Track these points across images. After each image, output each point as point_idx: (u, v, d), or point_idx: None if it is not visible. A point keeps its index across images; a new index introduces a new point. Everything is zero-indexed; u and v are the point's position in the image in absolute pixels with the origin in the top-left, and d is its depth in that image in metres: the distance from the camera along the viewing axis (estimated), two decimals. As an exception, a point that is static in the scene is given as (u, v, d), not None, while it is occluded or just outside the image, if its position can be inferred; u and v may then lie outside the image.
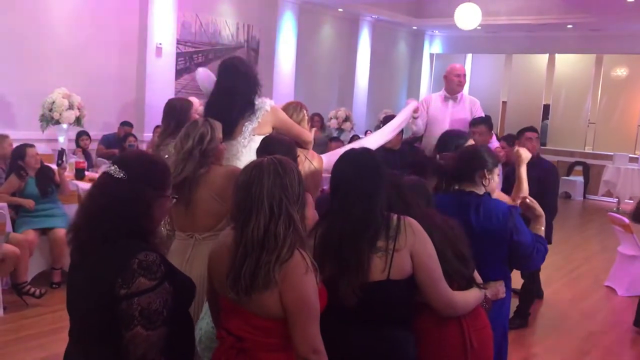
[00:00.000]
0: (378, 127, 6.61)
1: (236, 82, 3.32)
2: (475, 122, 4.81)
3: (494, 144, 4.90)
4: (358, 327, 2.11)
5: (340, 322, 2.09)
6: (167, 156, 3.47)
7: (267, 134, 3.23)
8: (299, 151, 3.27)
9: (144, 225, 1.90)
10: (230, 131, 3.22)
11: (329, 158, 3.82)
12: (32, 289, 4.89)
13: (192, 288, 2.04)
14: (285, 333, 1.88)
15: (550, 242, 5.10)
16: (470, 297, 2.28)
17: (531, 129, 5.16)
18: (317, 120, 9.68)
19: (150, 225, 1.92)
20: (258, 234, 1.87)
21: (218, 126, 2.88)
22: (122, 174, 1.88)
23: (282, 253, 1.85)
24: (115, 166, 1.90)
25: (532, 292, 5.28)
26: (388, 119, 5.04)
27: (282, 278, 1.85)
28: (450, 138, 3.81)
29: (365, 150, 2.31)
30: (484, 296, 2.37)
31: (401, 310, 2.13)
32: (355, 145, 4.18)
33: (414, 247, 2.08)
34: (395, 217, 2.11)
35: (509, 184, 3.70)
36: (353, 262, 2.06)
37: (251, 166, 1.97)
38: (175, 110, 3.91)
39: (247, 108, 3.28)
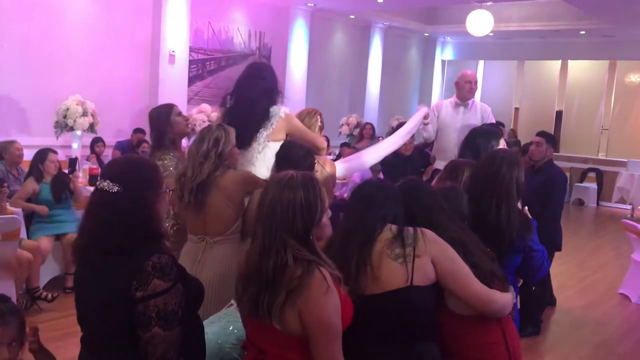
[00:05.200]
0: (390, 134, 6.61)
1: (260, 93, 3.31)
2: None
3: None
4: (379, 344, 2.06)
5: (359, 342, 2.04)
6: (164, 169, 3.45)
7: (282, 140, 3.25)
8: None
9: (154, 228, 1.90)
10: (250, 141, 3.25)
11: (344, 165, 3.83)
12: (45, 294, 4.95)
13: (201, 290, 2.05)
14: (306, 348, 1.86)
15: (559, 249, 5.08)
16: (507, 298, 2.23)
17: (539, 133, 5.18)
18: (369, 129, 9.75)
19: (158, 227, 1.93)
20: (256, 262, 1.89)
21: (232, 131, 2.92)
22: (117, 187, 1.85)
23: (292, 285, 1.83)
24: (107, 181, 1.86)
25: (542, 298, 5.24)
26: (400, 126, 5.04)
27: (301, 300, 1.83)
28: (482, 139, 3.57)
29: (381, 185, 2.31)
30: (513, 299, 2.32)
31: (424, 319, 2.09)
32: (372, 149, 4.19)
33: (434, 254, 2.05)
34: (411, 229, 2.09)
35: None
36: (345, 268, 2.03)
37: (264, 190, 2.00)
38: (153, 121, 3.63)
39: (265, 117, 3.30)
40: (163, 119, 3.55)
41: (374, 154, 4.05)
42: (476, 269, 2.16)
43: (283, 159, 2.91)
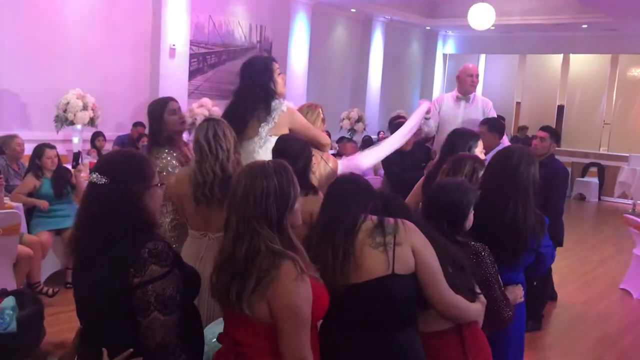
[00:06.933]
0: (389, 127, 6.59)
1: (248, 82, 3.31)
2: (481, 122, 4.78)
3: (505, 144, 4.87)
4: (363, 334, 2.06)
5: (343, 332, 2.04)
6: (162, 170, 3.32)
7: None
8: (316, 152, 3.27)
9: (143, 218, 1.92)
10: (252, 134, 3.24)
11: (345, 164, 3.81)
12: (45, 288, 4.95)
13: (198, 279, 2.07)
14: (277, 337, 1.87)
15: (561, 244, 5.07)
16: (472, 307, 2.25)
17: (543, 128, 5.16)
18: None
19: (148, 217, 1.95)
20: (229, 251, 1.89)
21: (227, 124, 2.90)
22: (104, 179, 1.89)
23: (261, 276, 1.83)
24: (97, 173, 1.91)
25: (544, 293, 5.23)
26: (394, 119, 5.00)
27: (270, 289, 1.83)
28: (460, 139, 3.59)
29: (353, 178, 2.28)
30: (484, 310, 2.32)
31: (407, 308, 2.09)
32: (370, 151, 4.16)
33: (414, 243, 2.05)
34: (391, 219, 2.09)
35: None
36: (330, 259, 2.03)
37: (236, 176, 1.99)
38: (149, 116, 3.44)
39: (258, 108, 3.27)
40: (156, 116, 3.38)
41: (373, 156, 4.02)
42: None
43: (279, 153, 2.89)
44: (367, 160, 3.96)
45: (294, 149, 2.87)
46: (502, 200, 2.64)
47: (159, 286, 1.81)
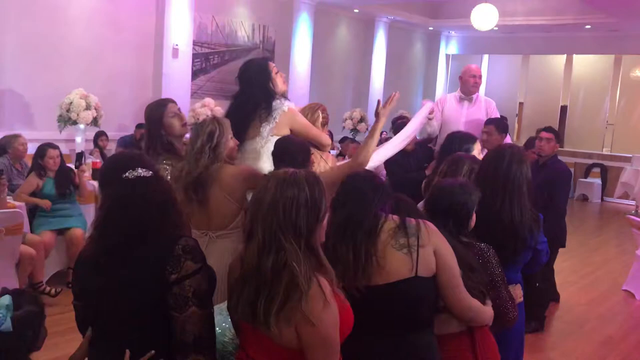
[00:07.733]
0: (392, 127, 6.60)
1: (247, 85, 3.34)
2: (486, 122, 4.78)
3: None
4: (382, 335, 2.05)
5: (361, 333, 1.99)
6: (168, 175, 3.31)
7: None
8: (315, 152, 3.28)
9: (179, 213, 1.98)
10: (254, 135, 3.26)
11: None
12: (48, 288, 4.95)
13: (215, 277, 2.04)
14: None
15: (563, 246, 5.06)
16: (486, 309, 2.26)
17: (545, 129, 5.15)
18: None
19: (181, 213, 2.00)
20: (254, 264, 1.78)
21: (226, 123, 2.90)
22: (150, 172, 1.94)
23: (287, 297, 1.72)
24: (139, 168, 1.92)
25: (547, 294, 5.22)
26: (397, 120, 5.00)
27: (297, 316, 1.74)
28: (457, 141, 3.63)
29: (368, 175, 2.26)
30: (492, 314, 2.32)
31: (427, 310, 2.09)
32: (374, 152, 4.16)
33: (437, 245, 2.04)
34: (413, 220, 2.07)
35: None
36: (351, 259, 1.99)
37: (261, 184, 1.87)
38: (146, 121, 3.24)
39: (260, 109, 3.28)
40: (156, 121, 3.17)
41: (375, 157, 4.02)
42: None
43: (278, 154, 2.91)
44: (370, 162, 3.96)
45: (292, 149, 2.89)
46: (497, 201, 2.67)
47: (196, 281, 1.83)
